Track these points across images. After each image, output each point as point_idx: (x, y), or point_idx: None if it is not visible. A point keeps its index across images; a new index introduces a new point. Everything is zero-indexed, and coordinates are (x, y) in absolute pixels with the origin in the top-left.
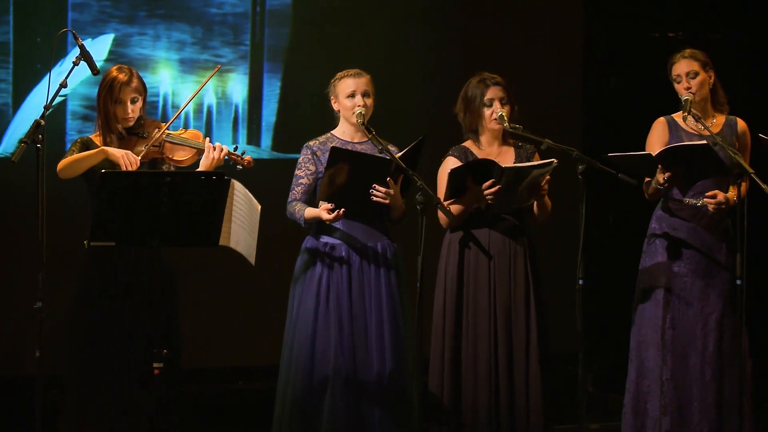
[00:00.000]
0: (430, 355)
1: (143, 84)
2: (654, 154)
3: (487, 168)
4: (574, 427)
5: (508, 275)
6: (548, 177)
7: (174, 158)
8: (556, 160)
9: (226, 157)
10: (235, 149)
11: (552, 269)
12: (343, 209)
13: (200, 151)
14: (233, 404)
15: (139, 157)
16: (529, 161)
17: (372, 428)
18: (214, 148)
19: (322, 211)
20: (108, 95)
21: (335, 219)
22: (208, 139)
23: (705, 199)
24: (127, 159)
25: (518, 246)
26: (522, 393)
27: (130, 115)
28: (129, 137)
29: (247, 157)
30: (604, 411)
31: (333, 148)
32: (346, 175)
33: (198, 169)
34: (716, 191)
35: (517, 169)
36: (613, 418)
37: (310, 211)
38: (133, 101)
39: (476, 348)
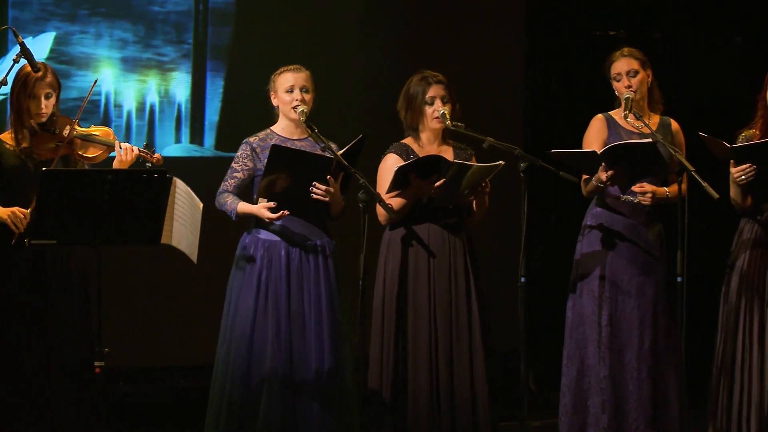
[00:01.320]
0: (370, 354)
1: (58, 80)
2: (599, 152)
3: (434, 164)
4: (516, 425)
5: (448, 271)
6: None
7: (85, 155)
8: (503, 162)
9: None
10: (145, 146)
11: (494, 267)
12: (287, 212)
13: (110, 149)
14: (172, 403)
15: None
16: (469, 161)
17: (310, 428)
18: (125, 149)
19: (262, 209)
20: (22, 90)
21: (277, 219)
22: (118, 143)
23: (639, 196)
24: (15, 217)
25: (457, 241)
26: (466, 391)
27: (43, 111)
28: (42, 133)
29: (156, 155)
30: (546, 408)
31: (274, 146)
32: (287, 174)
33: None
34: (643, 183)
35: (466, 166)
36: (554, 415)
37: (244, 206)
38: (47, 97)
39: (416, 346)
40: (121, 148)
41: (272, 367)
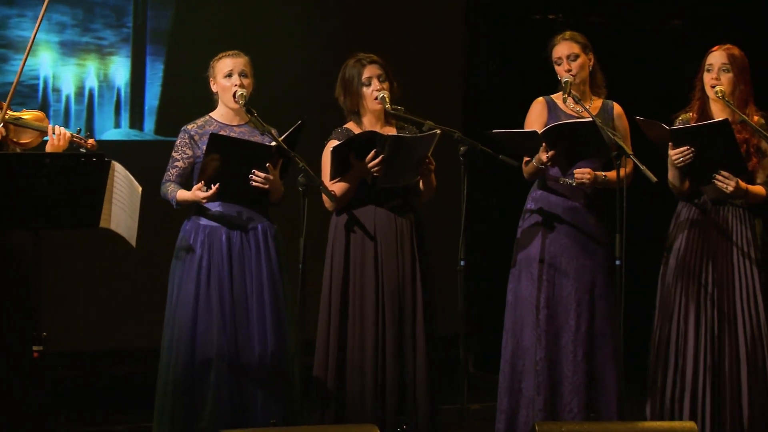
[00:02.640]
0: (317, 339)
1: None
2: (540, 132)
3: (371, 141)
4: (456, 408)
5: (395, 254)
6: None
7: (19, 141)
8: (439, 131)
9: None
10: (78, 132)
11: (434, 250)
12: (218, 184)
13: (43, 134)
14: (111, 388)
15: None
16: None
17: (254, 411)
18: (57, 134)
19: (196, 191)
20: None
21: (211, 196)
22: (50, 127)
23: (576, 177)
24: None
25: (404, 223)
26: (410, 375)
27: None
28: None
29: (90, 140)
30: (486, 391)
31: (212, 134)
32: (225, 161)
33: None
34: (584, 168)
35: (401, 138)
36: (494, 397)
37: (182, 194)
38: None
39: (363, 331)
40: (54, 132)
41: (219, 351)
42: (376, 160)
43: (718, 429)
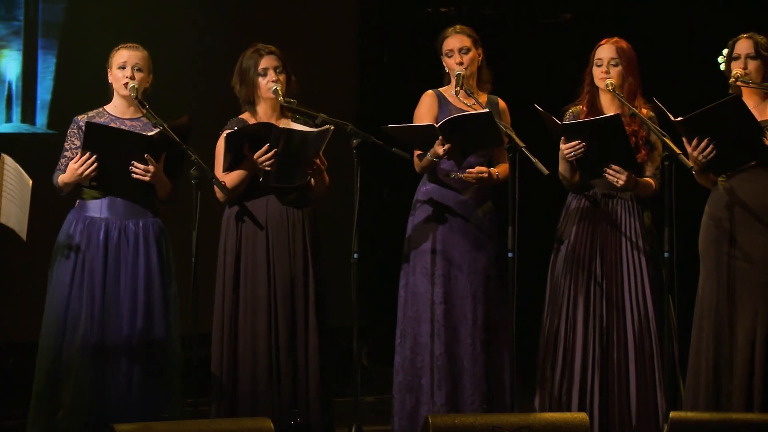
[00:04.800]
0: (213, 331)
1: None
2: (436, 126)
3: (266, 133)
4: (350, 401)
5: (287, 246)
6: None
7: None
8: (332, 126)
9: None
10: None
11: (328, 243)
12: (95, 156)
13: None
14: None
15: None
16: None
17: (121, 401)
18: None
19: (71, 165)
20: None
21: (87, 168)
22: None
23: (467, 173)
24: None
25: (297, 215)
26: (303, 368)
27: None
28: None
29: None
30: (379, 384)
31: (88, 123)
32: (103, 151)
33: None
34: (478, 167)
35: (295, 132)
36: (387, 390)
37: (62, 176)
38: None
39: (255, 324)
40: None
41: (83, 344)
42: (269, 154)
43: (606, 421)
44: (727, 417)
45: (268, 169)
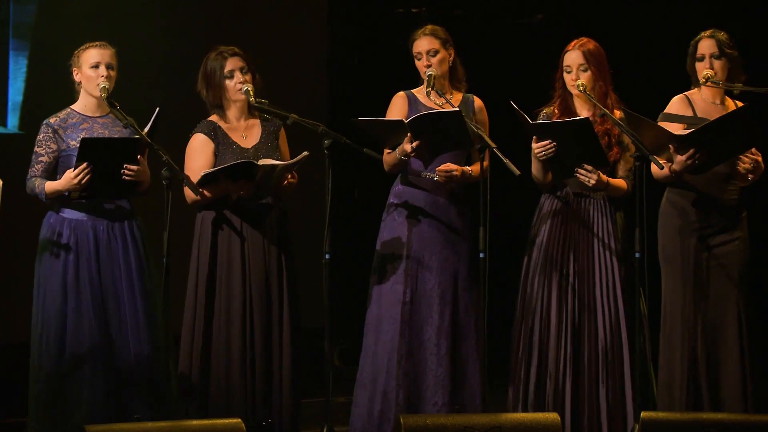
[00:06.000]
0: (182, 333)
1: None
2: (405, 121)
3: (246, 168)
4: (321, 401)
5: (262, 249)
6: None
7: None
8: (307, 153)
9: None
10: None
11: (299, 244)
12: (89, 166)
13: None
14: None
15: None
16: (276, 135)
17: (130, 405)
18: None
19: (67, 175)
20: None
21: (83, 174)
22: None
23: (436, 171)
24: None
25: (270, 218)
26: (277, 369)
27: None
28: None
29: None
30: (350, 384)
31: (83, 140)
32: (99, 162)
33: None
34: (448, 163)
35: (276, 166)
36: None
37: (51, 185)
38: None
39: (229, 326)
40: None
41: (92, 346)
42: (247, 186)
43: (576, 420)
44: (697, 417)
45: (243, 195)
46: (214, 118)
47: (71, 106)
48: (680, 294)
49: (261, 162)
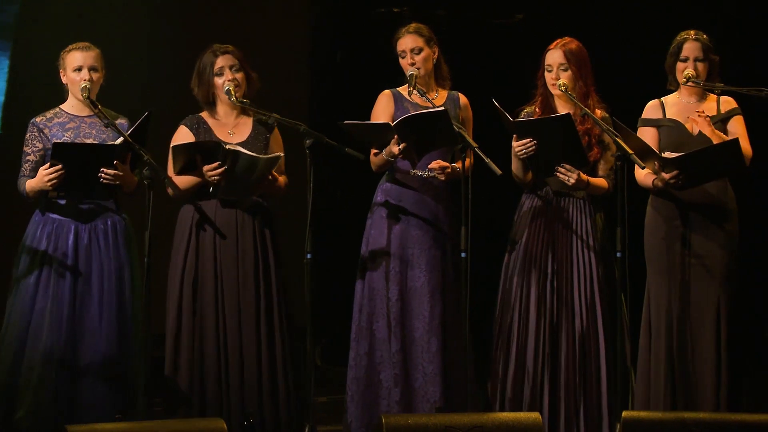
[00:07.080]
0: (166, 331)
1: None
2: (392, 124)
3: (214, 150)
4: (302, 401)
5: (235, 248)
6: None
7: None
8: (281, 154)
9: None
10: None
11: (281, 244)
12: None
13: None
14: None
15: None
16: (268, 135)
17: (95, 405)
18: None
19: (41, 173)
20: None
21: (54, 174)
22: None
23: (429, 168)
24: None
25: (246, 218)
26: (253, 369)
27: None
28: None
29: None
30: (332, 384)
31: (55, 144)
32: (72, 164)
33: None
34: (438, 160)
35: (242, 155)
36: (341, 390)
37: (29, 183)
38: None
39: (203, 329)
40: None
41: (45, 349)
42: (218, 171)
43: (554, 418)
44: (679, 416)
45: (215, 182)
46: (203, 113)
47: (60, 106)
48: (664, 294)
49: (230, 147)
